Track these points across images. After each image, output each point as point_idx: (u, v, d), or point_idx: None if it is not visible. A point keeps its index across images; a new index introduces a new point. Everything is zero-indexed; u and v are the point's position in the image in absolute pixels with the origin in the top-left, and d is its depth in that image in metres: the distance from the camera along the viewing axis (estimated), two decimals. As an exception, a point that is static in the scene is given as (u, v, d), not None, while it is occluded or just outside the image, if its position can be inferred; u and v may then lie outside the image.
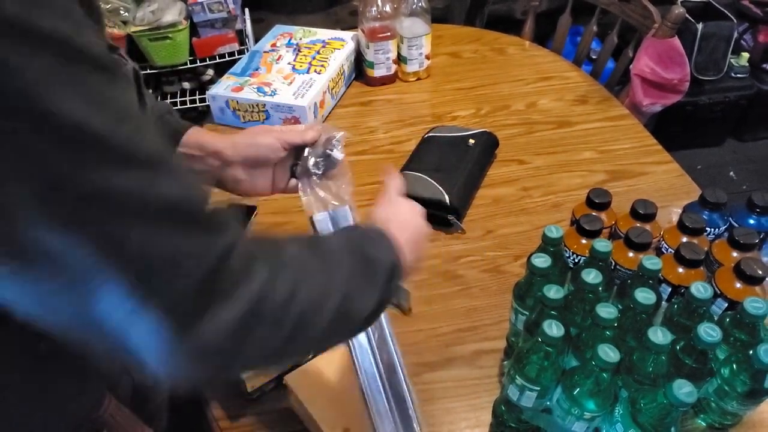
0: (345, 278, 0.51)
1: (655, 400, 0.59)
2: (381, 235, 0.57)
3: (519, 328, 0.75)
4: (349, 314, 0.51)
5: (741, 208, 0.86)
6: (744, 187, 2.39)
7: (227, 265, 0.41)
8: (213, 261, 0.40)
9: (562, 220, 1.06)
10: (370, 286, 0.53)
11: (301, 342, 0.48)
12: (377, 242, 0.56)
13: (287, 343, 0.46)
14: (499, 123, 1.31)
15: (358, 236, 0.57)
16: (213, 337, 0.40)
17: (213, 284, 0.40)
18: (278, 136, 0.73)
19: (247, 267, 0.43)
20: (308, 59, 1.36)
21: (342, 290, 0.50)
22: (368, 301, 0.53)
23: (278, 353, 0.47)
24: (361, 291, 0.52)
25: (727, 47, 2.34)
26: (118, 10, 1.72)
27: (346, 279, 0.51)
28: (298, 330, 0.46)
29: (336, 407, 0.73)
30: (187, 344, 0.40)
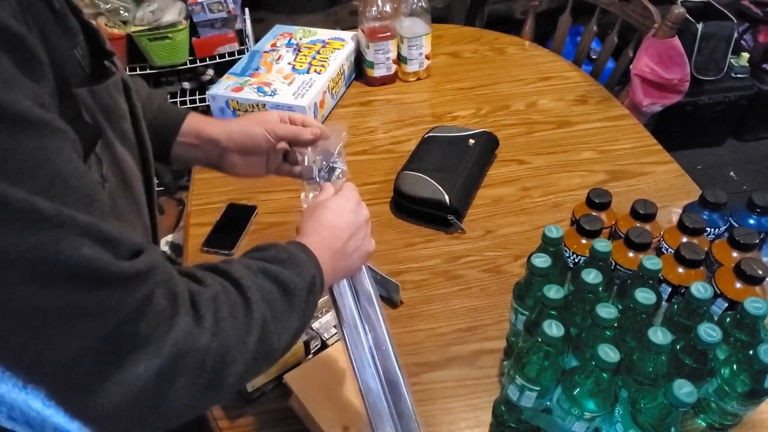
0: (263, 311, 0.50)
1: (655, 400, 0.59)
2: (296, 253, 0.58)
3: (519, 328, 0.75)
4: (271, 345, 0.51)
5: (741, 208, 0.86)
6: (744, 187, 2.39)
7: (141, 318, 0.40)
8: (122, 316, 0.39)
9: (562, 220, 1.06)
10: (289, 313, 0.53)
11: (222, 384, 0.47)
12: (292, 263, 0.56)
13: (209, 388, 0.46)
14: (499, 123, 1.31)
15: (274, 260, 0.56)
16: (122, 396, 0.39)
17: (119, 339, 0.39)
18: (271, 129, 0.75)
19: (168, 316, 0.42)
20: (308, 59, 1.36)
21: (261, 324, 0.50)
22: (289, 328, 0.53)
23: (200, 399, 0.46)
24: (281, 320, 0.52)
25: (727, 47, 2.34)
26: (118, 10, 1.72)
27: (266, 313, 0.50)
28: (219, 373, 0.46)
29: (335, 406, 0.73)
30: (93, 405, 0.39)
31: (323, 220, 0.64)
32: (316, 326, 0.86)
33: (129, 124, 0.59)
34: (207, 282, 0.49)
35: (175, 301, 0.43)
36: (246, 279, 0.51)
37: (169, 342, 0.42)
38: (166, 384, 0.42)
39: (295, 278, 0.55)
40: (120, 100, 0.56)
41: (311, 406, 0.73)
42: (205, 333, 0.45)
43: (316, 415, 0.72)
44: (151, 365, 0.40)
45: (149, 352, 0.40)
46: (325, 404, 0.74)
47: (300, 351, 0.80)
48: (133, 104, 0.60)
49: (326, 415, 0.72)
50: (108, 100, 0.53)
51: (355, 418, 0.71)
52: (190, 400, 0.44)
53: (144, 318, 0.40)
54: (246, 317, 0.49)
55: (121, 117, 0.57)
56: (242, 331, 0.48)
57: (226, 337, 0.46)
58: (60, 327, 0.37)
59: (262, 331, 0.50)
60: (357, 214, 0.67)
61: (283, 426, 0.78)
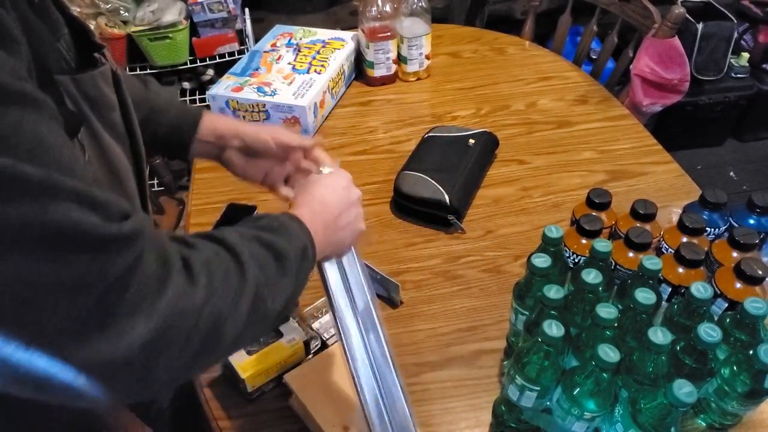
0: (256, 274, 0.51)
1: (655, 400, 0.59)
2: (287, 222, 0.59)
3: (519, 328, 0.75)
4: (266, 308, 0.52)
5: (741, 208, 0.86)
6: (744, 187, 2.39)
7: (135, 275, 0.41)
8: (113, 278, 0.39)
9: (562, 220, 1.06)
10: (282, 277, 0.54)
11: (217, 345, 0.48)
12: (283, 231, 0.57)
13: (204, 348, 0.46)
14: (499, 123, 1.31)
15: (265, 228, 0.57)
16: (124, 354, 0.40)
17: (114, 300, 0.40)
18: (272, 134, 0.78)
19: (161, 271, 0.43)
20: (308, 59, 1.36)
21: (254, 287, 0.50)
22: (282, 293, 0.54)
23: (195, 361, 0.47)
24: (274, 284, 0.53)
25: (727, 47, 2.34)
26: (118, 10, 1.72)
27: (256, 277, 0.51)
28: (213, 334, 0.46)
29: (335, 406, 0.73)
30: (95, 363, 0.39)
31: (315, 194, 0.66)
32: (316, 326, 0.86)
33: (118, 115, 0.59)
34: (198, 246, 0.49)
35: (167, 263, 0.44)
36: (239, 245, 0.52)
37: (164, 302, 0.42)
38: (164, 343, 0.43)
39: (287, 245, 0.56)
40: (107, 91, 0.56)
41: (311, 405, 0.73)
42: (199, 293, 0.45)
43: (316, 414, 0.72)
44: (149, 324, 0.41)
45: (145, 312, 0.41)
46: (325, 404, 0.74)
47: (300, 351, 0.80)
48: (123, 96, 0.59)
49: (326, 414, 0.72)
50: (92, 90, 0.53)
51: (356, 418, 0.71)
52: (188, 359, 0.45)
53: (135, 280, 0.41)
54: (239, 280, 0.50)
55: (108, 108, 0.56)
56: (236, 294, 0.49)
57: (219, 298, 0.47)
58: (54, 291, 0.37)
59: (255, 294, 0.50)
60: (349, 192, 0.69)
61: (283, 426, 0.78)
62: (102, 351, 0.39)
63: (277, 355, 0.79)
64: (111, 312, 0.40)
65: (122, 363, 0.40)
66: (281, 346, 0.80)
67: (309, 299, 0.92)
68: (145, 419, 0.77)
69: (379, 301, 0.93)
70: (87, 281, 0.38)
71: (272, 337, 0.81)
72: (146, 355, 0.42)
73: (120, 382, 0.42)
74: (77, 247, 0.38)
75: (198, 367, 0.49)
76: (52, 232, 0.37)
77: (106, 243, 0.39)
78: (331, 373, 0.77)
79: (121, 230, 0.40)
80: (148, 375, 0.43)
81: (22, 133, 0.36)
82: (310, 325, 0.86)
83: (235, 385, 0.81)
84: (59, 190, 0.37)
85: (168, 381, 0.46)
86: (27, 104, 0.37)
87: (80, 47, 0.56)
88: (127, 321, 0.40)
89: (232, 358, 0.78)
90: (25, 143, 0.36)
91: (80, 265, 0.38)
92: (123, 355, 0.40)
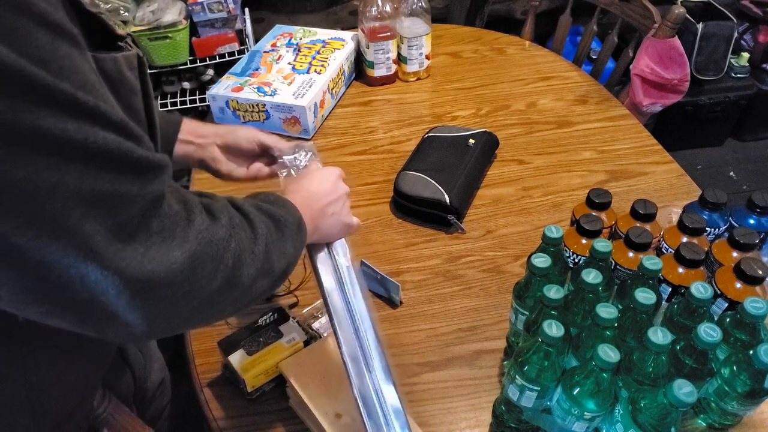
0: (263, 232, 0.55)
1: (655, 400, 0.59)
2: (281, 198, 0.64)
3: (519, 328, 0.75)
4: (272, 264, 0.56)
5: (741, 208, 0.86)
6: (744, 187, 2.39)
7: (162, 208, 0.45)
8: (147, 202, 0.44)
9: (562, 220, 1.06)
10: (284, 240, 0.59)
11: (238, 283, 0.52)
12: (280, 203, 0.62)
13: (227, 284, 0.50)
14: (499, 123, 1.31)
15: (264, 200, 0.61)
16: (163, 273, 0.44)
17: (151, 222, 0.44)
18: (253, 134, 0.84)
19: (184, 211, 0.47)
20: (308, 59, 1.36)
21: (264, 240, 0.55)
22: (285, 254, 0.58)
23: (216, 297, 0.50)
24: (278, 244, 0.58)
25: (727, 47, 2.33)
26: (118, 10, 1.72)
27: (264, 233, 0.56)
28: (235, 272, 0.51)
29: (329, 393, 0.73)
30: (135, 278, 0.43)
31: (303, 184, 0.71)
32: (316, 326, 0.86)
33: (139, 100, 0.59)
34: (215, 197, 0.54)
35: (187, 205, 0.48)
36: (246, 206, 0.56)
37: (194, 231, 0.47)
38: (198, 268, 0.47)
39: (285, 214, 0.61)
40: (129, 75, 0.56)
41: (305, 393, 0.73)
42: (222, 228, 0.50)
43: (310, 402, 0.72)
44: (184, 250, 0.45)
45: (178, 239, 0.45)
46: (320, 392, 0.73)
47: (300, 349, 0.80)
48: (146, 81, 0.60)
49: (320, 402, 0.72)
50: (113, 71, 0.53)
51: (348, 405, 0.71)
52: (212, 292, 0.49)
53: (164, 211, 0.45)
54: (252, 232, 0.54)
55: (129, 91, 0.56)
56: (251, 241, 0.53)
57: (239, 239, 0.52)
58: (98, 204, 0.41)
59: (266, 246, 0.55)
60: (337, 186, 0.73)
61: (283, 426, 0.78)
62: (146, 265, 0.43)
63: (277, 355, 0.79)
64: (151, 230, 0.44)
65: (162, 281, 0.44)
66: (281, 346, 0.80)
67: (309, 299, 0.92)
68: (145, 419, 0.77)
69: (380, 301, 0.94)
70: (129, 197, 0.42)
71: (272, 337, 0.81)
72: (182, 278, 0.45)
73: (155, 302, 0.45)
74: (121, 165, 0.42)
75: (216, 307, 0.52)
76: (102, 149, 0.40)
77: (141, 166, 0.43)
78: (325, 361, 0.77)
79: (153, 157, 0.44)
80: (180, 301, 0.46)
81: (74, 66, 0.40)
82: (310, 325, 0.86)
83: (235, 385, 0.81)
84: (107, 119, 0.41)
85: (192, 313, 0.49)
86: (75, 44, 0.41)
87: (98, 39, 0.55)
88: (166, 243, 0.44)
89: (232, 358, 0.78)
90: (77, 77, 0.40)
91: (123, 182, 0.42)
92: (164, 273, 0.44)
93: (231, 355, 0.78)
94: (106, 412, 0.71)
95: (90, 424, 0.70)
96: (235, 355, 0.79)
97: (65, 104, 0.39)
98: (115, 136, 0.41)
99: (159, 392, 0.93)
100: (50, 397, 0.61)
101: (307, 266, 0.97)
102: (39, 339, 0.57)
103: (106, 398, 0.72)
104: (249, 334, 0.81)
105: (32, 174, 0.38)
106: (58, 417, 0.63)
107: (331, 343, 0.79)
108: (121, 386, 0.79)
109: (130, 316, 0.44)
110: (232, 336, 0.81)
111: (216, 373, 0.83)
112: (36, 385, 0.59)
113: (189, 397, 0.83)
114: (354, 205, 1.11)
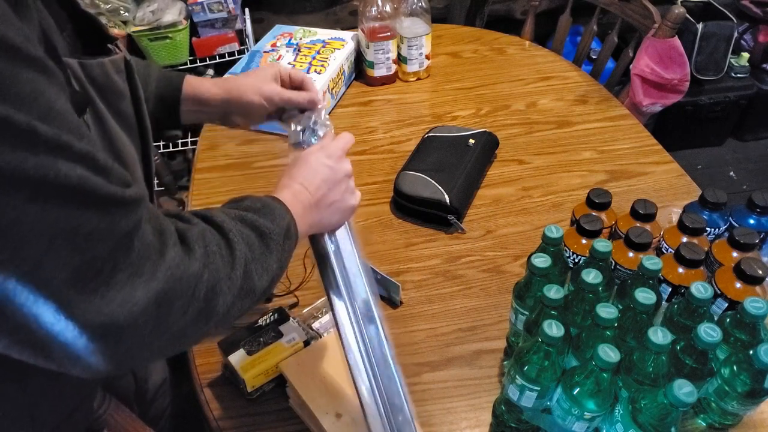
0: (243, 253, 0.53)
1: (655, 400, 0.59)
2: (269, 203, 0.60)
3: (519, 328, 0.75)
4: (253, 284, 0.54)
5: (741, 208, 0.86)
6: (744, 187, 2.39)
7: (134, 243, 0.42)
8: (118, 239, 0.41)
9: (562, 220, 1.06)
10: (267, 255, 0.56)
11: (212, 314, 0.50)
12: (266, 211, 0.59)
13: (200, 317, 0.48)
14: (499, 123, 1.31)
15: (249, 209, 0.58)
16: (123, 316, 0.42)
17: (119, 259, 0.41)
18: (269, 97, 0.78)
19: (159, 243, 0.45)
20: (308, 59, 1.36)
21: (243, 263, 0.53)
22: (268, 270, 0.56)
23: (192, 327, 0.48)
24: (260, 262, 0.55)
25: (727, 47, 2.34)
26: (118, 10, 1.72)
27: (245, 253, 0.53)
28: (209, 302, 0.49)
29: (329, 393, 0.73)
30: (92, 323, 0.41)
31: (296, 176, 0.66)
32: (316, 326, 0.86)
33: (128, 104, 0.59)
34: (193, 221, 0.52)
35: (162, 236, 0.46)
36: (227, 223, 0.54)
37: (163, 268, 0.44)
38: (164, 307, 0.44)
39: (270, 224, 0.57)
40: (117, 79, 0.56)
41: (305, 393, 0.73)
42: (195, 262, 0.47)
43: (310, 402, 0.72)
44: (150, 289, 0.43)
45: (145, 276, 0.43)
46: (320, 391, 0.74)
47: (300, 349, 0.80)
48: (134, 85, 0.59)
49: (320, 402, 0.72)
50: (101, 77, 0.53)
51: (348, 405, 0.71)
52: (183, 326, 0.47)
53: (135, 247, 0.42)
54: (230, 256, 0.52)
55: (117, 96, 0.56)
56: (228, 266, 0.51)
57: (215, 268, 0.49)
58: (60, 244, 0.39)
59: (245, 270, 0.53)
60: (334, 170, 0.68)
61: (283, 426, 0.78)
62: (105, 309, 0.41)
63: (277, 355, 0.79)
64: (116, 269, 0.41)
65: (123, 324, 0.42)
66: (281, 346, 0.80)
67: (309, 299, 0.92)
68: (146, 419, 0.77)
69: (380, 301, 0.93)
70: (95, 236, 0.40)
71: (272, 337, 0.81)
72: (146, 318, 0.43)
73: (117, 344, 0.43)
74: (86, 202, 0.40)
75: (191, 338, 0.50)
76: (62, 186, 0.38)
77: (110, 203, 0.41)
78: (326, 361, 0.77)
79: (124, 193, 0.42)
80: (146, 339, 0.44)
81: (35, 93, 0.38)
82: (310, 325, 0.86)
83: (235, 385, 0.81)
84: (68, 150, 0.39)
85: (162, 348, 0.47)
86: (39, 70, 0.39)
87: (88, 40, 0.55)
88: (131, 282, 0.42)
89: (232, 358, 0.78)
90: (39, 104, 0.38)
91: (89, 220, 0.40)
92: (125, 316, 0.41)
93: (231, 355, 0.79)
94: (106, 413, 0.71)
95: (90, 425, 0.70)
96: (235, 355, 0.79)
97: (22, 137, 0.36)
98: (81, 170, 0.39)
99: (160, 392, 0.93)
100: (48, 402, 0.61)
101: (307, 266, 0.97)
102: None
103: (106, 399, 0.72)
104: (249, 334, 0.81)
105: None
106: (57, 420, 0.63)
107: (332, 342, 0.79)
108: (121, 387, 0.79)
109: (91, 359, 0.42)
110: (232, 336, 0.81)
111: (216, 373, 0.83)
112: (33, 391, 0.58)
113: (189, 397, 0.83)
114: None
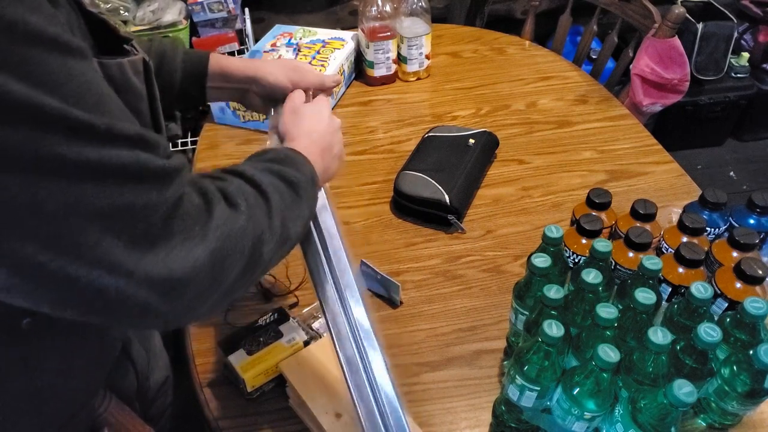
0: (278, 203, 0.56)
1: (655, 400, 0.59)
2: (290, 153, 0.64)
3: (519, 328, 0.75)
4: (288, 231, 0.57)
5: (741, 208, 0.86)
6: (744, 187, 2.39)
7: (182, 207, 0.46)
8: (169, 206, 0.45)
9: (562, 220, 1.06)
10: (298, 203, 0.59)
11: (258, 263, 0.53)
12: (290, 161, 0.62)
13: (248, 267, 0.51)
14: (499, 123, 1.31)
15: (274, 160, 0.61)
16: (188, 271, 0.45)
17: (173, 224, 0.45)
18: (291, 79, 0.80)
19: (204, 204, 0.49)
20: (308, 59, 1.36)
21: (279, 212, 0.56)
22: (301, 216, 0.60)
23: (240, 280, 0.51)
24: (293, 209, 0.58)
25: (727, 47, 2.34)
26: (118, 10, 1.72)
27: (279, 203, 0.56)
28: (255, 252, 0.52)
29: (329, 393, 0.73)
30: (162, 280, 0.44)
31: (304, 126, 0.70)
32: (315, 326, 0.86)
33: (146, 105, 0.59)
34: (227, 178, 0.55)
35: (207, 196, 0.49)
36: (257, 175, 0.56)
37: (213, 226, 0.48)
38: (219, 264, 0.48)
39: (297, 173, 0.60)
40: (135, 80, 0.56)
41: (305, 393, 0.73)
42: (241, 216, 0.51)
43: (310, 401, 0.72)
44: (206, 249, 0.47)
45: (199, 236, 0.46)
46: (320, 391, 0.74)
47: (300, 349, 0.80)
48: (152, 85, 0.59)
49: (320, 401, 0.72)
50: (119, 77, 0.53)
51: (348, 405, 0.70)
52: (234, 279, 0.50)
53: (185, 209, 0.46)
54: (267, 206, 0.55)
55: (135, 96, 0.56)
56: (267, 217, 0.54)
57: (257, 220, 0.53)
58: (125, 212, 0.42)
59: (282, 216, 0.56)
60: (332, 120, 0.73)
61: (283, 426, 0.78)
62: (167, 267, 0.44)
63: (277, 355, 0.79)
64: (172, 233, 0.45)
65: (184, 279, 0.45)
66: (281, 346, 0.80)
67: (309, 299, 0.92)
68: (146, 418, 0.77)
69: (380, 301, 0.94)
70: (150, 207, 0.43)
71: (272, 337, 0.81)
72: (204, 274, 0.47)
73: (181, 298, 0.46)
74: (141, 179, 0.43)
75: (240, 289, 0.53)
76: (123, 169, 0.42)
77: (160, 175, 0.44)
78: (324, 360, 0.77)
79: (170, 165, 0.45)
80: (204, 293, 0.48)
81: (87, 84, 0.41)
82: (310, 325, 0.86)
83: (235, 385, 0.81)
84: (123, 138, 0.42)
85: (217, 301, 0.51)
86: (84, 58, 0.41)
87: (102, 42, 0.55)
88: (187, 243, 0.45)
89: (232, 358, 0.78)
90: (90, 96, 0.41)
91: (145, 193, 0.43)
92: (186, 272, 0.45)
93: (231, 355, 0.79)
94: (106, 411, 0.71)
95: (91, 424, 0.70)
96: (235, 355, 0.79)
97: (80, 131, 0.39)
98: (132, 151, 0.42)
99: (162, 391, 0.93)
100: (55, 401, 0.61)
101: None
102: (43, 344, 0.57)
103: (107, 398, 0.72)
104: (249, 334, 0.81)
105: (49, 196, 0.38)
106: (63, 419, 0.63)
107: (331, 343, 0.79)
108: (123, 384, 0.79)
109: (162, 309, 0.46)
110: (232, 336, 0.81)
111: (216, 373, 0.83)
112: (41, 391, 0.58)
113: (189, 396, 0.83)
114: (354, 205, 1.11)
